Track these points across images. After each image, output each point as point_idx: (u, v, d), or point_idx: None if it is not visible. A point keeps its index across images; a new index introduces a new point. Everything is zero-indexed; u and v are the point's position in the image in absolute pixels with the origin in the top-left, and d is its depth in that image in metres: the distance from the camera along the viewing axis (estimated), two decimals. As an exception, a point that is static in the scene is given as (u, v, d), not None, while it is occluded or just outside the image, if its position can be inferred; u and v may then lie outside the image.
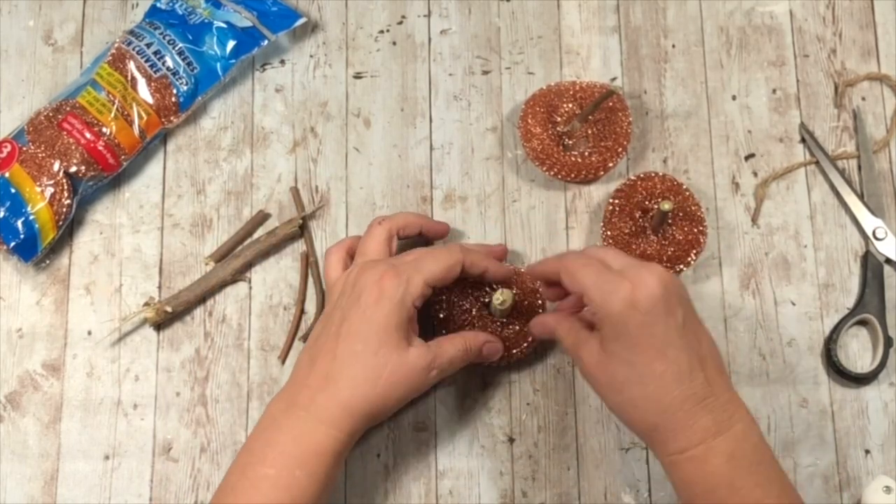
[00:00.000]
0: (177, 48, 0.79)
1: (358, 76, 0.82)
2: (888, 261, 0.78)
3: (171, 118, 0.79)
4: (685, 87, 0.82)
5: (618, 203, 0.77)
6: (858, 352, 0.77)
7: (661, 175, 0.77)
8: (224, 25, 0.80)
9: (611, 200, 0.77)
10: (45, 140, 0.75)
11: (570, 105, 0.79)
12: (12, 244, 0.75)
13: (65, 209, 0.75)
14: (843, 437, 0.75)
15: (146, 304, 0.76)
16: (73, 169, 0.75)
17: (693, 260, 0.76)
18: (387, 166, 0.80)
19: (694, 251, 0.76)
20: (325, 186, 0.80)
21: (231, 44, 0.80)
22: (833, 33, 0.83)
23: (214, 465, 0.74)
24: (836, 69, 0.83)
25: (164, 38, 0.79)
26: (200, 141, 0.81)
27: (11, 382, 0.75)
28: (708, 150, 0.81)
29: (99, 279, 0.78)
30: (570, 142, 0.78)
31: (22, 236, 0.75)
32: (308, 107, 0.81)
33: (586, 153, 0.78)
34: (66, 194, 0.75)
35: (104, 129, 0.76)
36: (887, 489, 0.72)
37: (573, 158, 0.78)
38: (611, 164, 0.78)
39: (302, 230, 0.78)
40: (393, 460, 0.74)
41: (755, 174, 0.80)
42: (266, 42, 0.80)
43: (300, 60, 0.82)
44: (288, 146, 0.81)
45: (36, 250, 0.76)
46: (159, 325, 0.76)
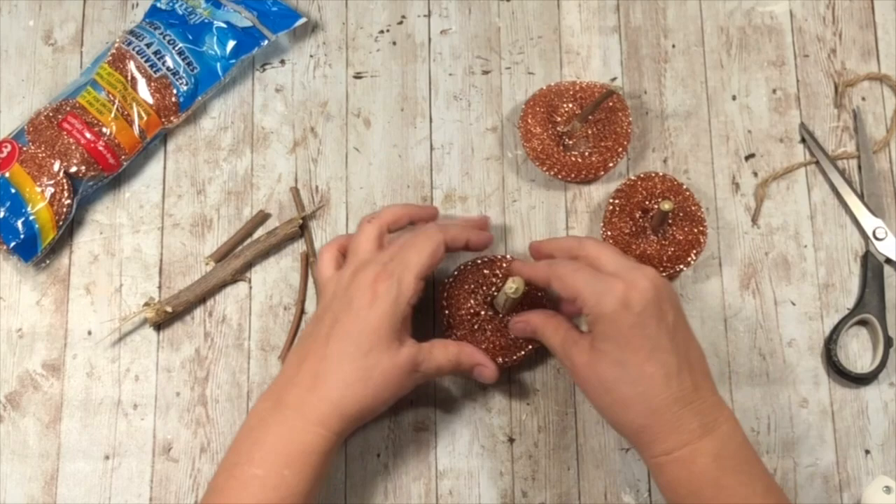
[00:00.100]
0: (177, 48, 0.79)
1: (358, 76, 0.82)
2: (888, 261, 0.78)
3: (171, 118, 0.79)
4: (685, 87, 0.82)
5: (618, 203, 0.77)
6: (858, 352, 0.77)
7: (662, 175, 0.77)
8: (224, 25, 0.80)
9: (611, 200, 0.77)
10: (46, 140, 0.75)
11: (571, 105, 0.79)
12: (12, 244, 0.75)
13: (65, 209, 0.75)
14: (843, 437, 0.75)
15: (146, 304, 0.76)
16: (74, 169, 0.75)
17: (693, 260, 0.76)
18: (387, 166, 0.80)
19: (694, 251, 0.76)
20: (325, 186, 0.80)
21: (231, 44, 0.80)
22: (833, 33, 0.83)
23: (214, 465, 0.74)
24: (836, 69, 0.83)
25: (164, 38, 0.79)
26: (200, 141, 0.81)
27: (11, 382, 0.75)
28: (708, 150, 0.81)
29: (99, 279, 0.78)
30: (571, 142, 0.78)
31: (22, 236, 0.75)
32: (308, 107, 0.81)
33: (586, 153, 0.78)
34: (66, 194, 0.75)
35: (104, 129, 0.76)
36: (887, 489, 0.72)
37: (573, 158, 0.78)
38: (611, 164, 0.78)
39: (302, 230, 0.78)
40: (393, 460, 0.74)
41: (755, 174, 0.80)
42: (266, 42, 0.80)
43: (300, 60, 0.82)
44: (288, 146, 0.81)
45: (36, 250, 0.76)
46: (159, 325, 0.76)
